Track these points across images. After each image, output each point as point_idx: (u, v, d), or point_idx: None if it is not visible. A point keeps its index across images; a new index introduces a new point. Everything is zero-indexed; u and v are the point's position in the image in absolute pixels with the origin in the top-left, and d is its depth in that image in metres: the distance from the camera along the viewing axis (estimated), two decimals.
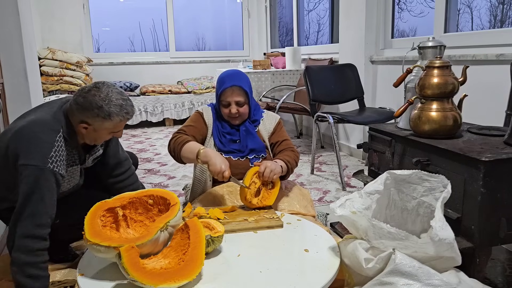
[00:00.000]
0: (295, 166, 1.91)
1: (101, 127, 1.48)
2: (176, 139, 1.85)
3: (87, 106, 1.44)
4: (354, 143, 3.67)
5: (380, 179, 1.42)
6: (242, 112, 1.92)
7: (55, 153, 1.41)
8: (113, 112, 1.45)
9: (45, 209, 1.34)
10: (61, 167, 1.43)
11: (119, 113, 1.47)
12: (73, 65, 4.65)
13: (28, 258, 1.28)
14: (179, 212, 1.33)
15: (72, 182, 1.62)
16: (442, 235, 1.13)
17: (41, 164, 1.36)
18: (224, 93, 1.90)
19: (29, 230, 1.30)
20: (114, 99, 1.46)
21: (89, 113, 1.45)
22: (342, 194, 2.71)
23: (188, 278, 1.12)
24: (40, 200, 1.33)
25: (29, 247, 1.28)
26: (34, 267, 1.28)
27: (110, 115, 1.45)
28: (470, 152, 1.39)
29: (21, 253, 1.28)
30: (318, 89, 3.16)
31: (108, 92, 1.46)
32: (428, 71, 1.64)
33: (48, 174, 1.37)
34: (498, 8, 2.86)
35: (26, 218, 1.31)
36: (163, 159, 3.70)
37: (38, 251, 1.30)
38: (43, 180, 1.35)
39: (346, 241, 1.35)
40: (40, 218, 1.32)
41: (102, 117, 1.45)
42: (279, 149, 1.98)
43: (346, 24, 3.66)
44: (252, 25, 6.24)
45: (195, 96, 5.50)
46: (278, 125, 2.05)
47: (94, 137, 1.53)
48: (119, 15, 6.01)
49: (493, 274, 1.64)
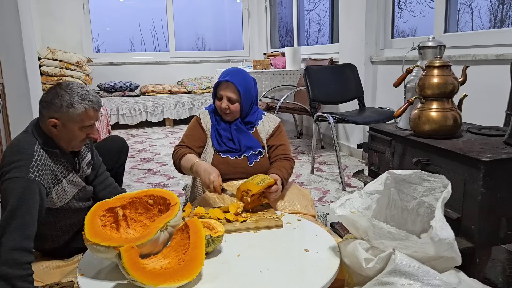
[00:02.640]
0: (289, 176, 1.94)
1: (69, 120, 1.48)
2: (176, 153, 1.93)
3: (50, 99, 1.47)
4: (354, 143, 3.67)
5: (380, 179, 1.42)
6: (232, 109, 1.93)
7: (35, 162, 1.42)
8: (76, 100, 1.47)
9: (32, 221, 1.34)
10: (43, 177, 1.43)
11: (82, 101, 1.47)
12: (73, 65, 4.65)
13: (17, 272, 1.26)
14: (179, 212, 1.34)
15: (76, 188, 1.62)
16: (442, 235, 1.13)
17: (24, 175, 1.37)
18: (219, 85, 1.94)
19: (17, 242, 1.28)
20: (76, 90, 1.49)
21: (54, 106, 1.47)
22: (342, 194, 2.71)
23: (188, 278, 1.12)
24: (27, 212, 1.33)
25: (17, 261, 1.27)
26: (23, 280, 1.27)
27: (72, 104, 1.46)
28: (470, 152, 1.39)
29: (9, 267, 1.25)
30: (318, 89, 3.16)
31: (69, 84, 1.51)
32: (428, 71, 1.64)
33: (32, 184, 1.37)
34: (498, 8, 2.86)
35: (14, 231, 1.29)
36: (163, 159, 3.70)
37: (26, 264, 1.29)
38: (28, 191, 1.36)
39: (346, 241, 1.35)
40: (27, 230, 1.32)
41: (65, 106, 1.46)
42: (275, 153, 1.99)
43: (346, 24, 3.66)
44: (252, 25, 6.24)
45: (195, 96, 5.50)
46: (278, 128, 2.04)
47: (67, 137, 1.52)
48: (119, 15, 6.01)
49: (493, 274, 1.64)
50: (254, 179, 1.68)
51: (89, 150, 1.74)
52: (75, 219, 1.66)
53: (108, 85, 5.19)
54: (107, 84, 5.20)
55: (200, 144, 1.98)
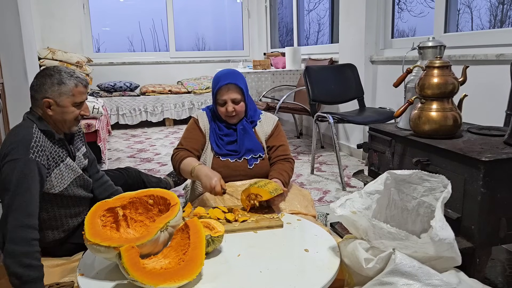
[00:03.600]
0: (289, 180, 1.94)
1: (61, 97, 1.56)
2: (175, 156, 1.92)
3: (41, 82, 1.56)
4: (354, 143, 3.67)
5: (380, 179, 1.42)
6: (238, 110, 1.93)
7: (35, 143, 1.48)
8: (65, 77, 1.57)
9: (33, 199, 1.40)
10: (43, 157, 1.49)
11: (71, 77, 1.57)
12: (73, 65, 4.64)
13: (24, 248, 1.31)
14: (179, 212, 1.34)
15: (73, 174, 1.66)
16: (442, 235, 1.13)
17: (24, 156, 1.43)
18: (220, 91, 1.92)
19: (20, 220, 1.34)
20: (63, 69, 1.60)
21: (45, 86, 1.55)
22: (342, 194, 2.71)
23: (188, 278, 1.12)
24: (27, 190, 1.39)
25: (23, 237, 1.33)
26: (29, 257, 1.31)
27: (62, 80, 1.56)
28: (470, 152, 1.39)
29: (16, 244, 1.31)
30: (318, 89, 3.16)
31: (55, 66, 1.61)
32: (428, 71, 1.64)
33: (31, 164, 1.44)
34: (498, 8, 2.86)
35: (17, 209, 1.35)
36: (163, 159, 3.70)
37: (32, 240, 1.34)
38: (27, 171, 1.42)
39: (346, 241, 1.35)
40: (29, 208, 1.38)
41: (56, 83, 1.55)
42: (275, 154, 1.99)
43: (346, 24, 3.66)
44: (252, 25, 6.24)
45: (195, 96, 5.50)
46: (277, 128, 2.04)
47: (62, 116, 1.58)
48: (119, 15, 6.01)
49: (493, 274, 1.64)
50: (266, 185, 1.66)
51: (83, 143, 1.80)
52: (76, 210, 1.70)
53: (108, 85, 5.19)
54: (107, 84, 5.20)
55: (199, 146, 1.97)
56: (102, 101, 4.35)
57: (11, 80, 2.75)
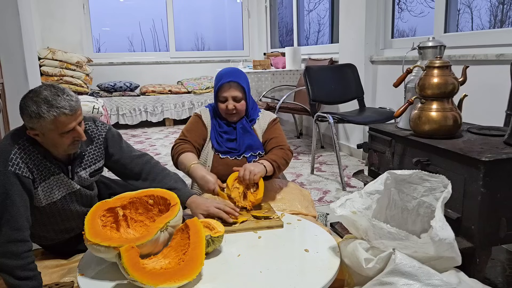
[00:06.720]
0: (284, 164, 1.89)
1: (44, 129, 1.36)
2: (176, 147, 1.92)
3: (21, 111, 1.37)
4: (354, 143, 3.67)
5: (380, 179, 1.42)
6: (239, 108, 1.93)
7: (15, 155, 1.37)
8: (43, 109, 1.33)
9: (19, 212, 1.35)
10: (24, 169, 1.38)
11: (50, 109, 1.33)
12: (73, 65, 4.65)
13: (16, 262, 1.29)
14: (179, 212, 1.34)
15: (66, 190, 1.53)
16: (442, 235, 1.13)
17: (2, 169, 1.35)
18: (221, 88, 1.92)
19: (8, 235, 1.31)
20: (43, 97, 1.34)
21: (26, 117, 1.37)
22: (342, 194, 2.71)
23: (188, 278, 1.12)
24: (12, 205, 1.34)
25: (13, 252, 1.30)
26: (24, 269, 1.30)
27: (40, 114, 1.33)
28: (470, 152, 1.39)
29: (7, 258, 1.29)
30: (318, 89, 3.16)
31: (37, 91, 1.37)
32: (428, 71, 1.64)
33: (11, 177, 1.35)
34: (498, 8, 2.86)
35: (4, 225, 1.32)
36: (163, 159, 3.70)
37: (24, 253, 1.32)
38: (9, 185, 1.35)
39: (346, 241, 1.35)
40: (17, 222, 1.33)
41: (34, 117, 1.34)
42: (270, 146, 1.97)
43: (346, 24, 3.66)
44: (252, 25, 6.24)
45: (195, 96, 5.50)
46: (272, 122, 2.03)
47: (52, 144, 1.43)
48: (119, 15, 6.01)
49: (493, 274, 1.64)
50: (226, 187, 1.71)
51: (102, 158, 1.62)
52: (67, 225, 1.62)
53: (108, 85, 5.19)
54: (107, 84, 5.20)
55: (201, 139, 1.98)
56: (102, 101, 4.35)
57: (11, 80, 2.75)
